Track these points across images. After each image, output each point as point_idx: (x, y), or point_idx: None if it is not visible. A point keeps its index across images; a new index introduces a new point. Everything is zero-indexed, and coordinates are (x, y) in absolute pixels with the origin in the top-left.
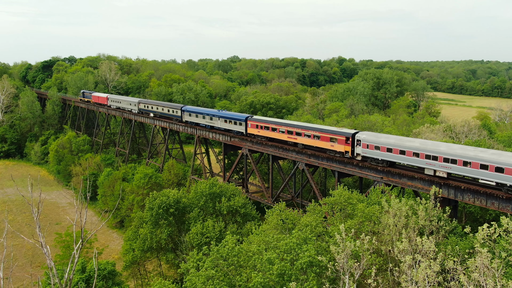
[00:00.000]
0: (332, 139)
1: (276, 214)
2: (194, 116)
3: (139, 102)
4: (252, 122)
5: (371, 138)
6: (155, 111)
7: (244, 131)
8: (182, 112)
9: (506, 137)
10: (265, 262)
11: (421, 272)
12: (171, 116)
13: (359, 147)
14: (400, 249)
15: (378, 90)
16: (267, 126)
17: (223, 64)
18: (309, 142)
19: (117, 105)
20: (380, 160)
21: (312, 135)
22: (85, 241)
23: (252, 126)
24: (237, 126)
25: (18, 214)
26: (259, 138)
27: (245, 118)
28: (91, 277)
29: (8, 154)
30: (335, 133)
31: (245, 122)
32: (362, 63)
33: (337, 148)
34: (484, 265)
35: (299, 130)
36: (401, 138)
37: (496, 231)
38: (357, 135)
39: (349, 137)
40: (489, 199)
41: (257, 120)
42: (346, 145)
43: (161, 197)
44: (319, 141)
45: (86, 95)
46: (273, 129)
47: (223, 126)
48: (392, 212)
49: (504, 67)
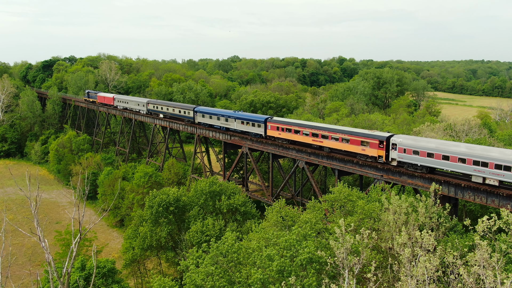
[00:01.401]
0: (363, 142)
1: (276, 211)
2: (208, 117)
3: (147, 102)
4: (272, 124)
5: (409, 142)
6: (165, 112)
7: (263, 134)
8: (195, 113)
9: (507, 135)
10: (264, 258)
11: (420, 266)
12: (183, 117)
13: (394, 151)
14: (399, 242)
15: (378, 90)
16: (289, 128)
17: (224, 63)
18: (337, 145)
19: (124, 106)
20: (419, 166)
21: (340, 138)
22: (83, 236)
23: (272, 128)
24: (255, 128)
25: (18, 213)
26: (279, 141)
27: (264, 119)
28: (91, 275)
29: (8, 154)
30: (367, 136)
31: (265, 124)
32: (363, 63)
33: (369, 152)
34: (483, 259)
35: (326, 133)
36: (444, 142)
37: (496, 223)
38: (392, 139)
39: (383, 141)
40: (489, 196)
41: (278, 121)
42: (380, 149)
43: (161, 195)
44: (348, 144)
45: (91, 95)
46: (296, 131)
47: (240, 128)
48: (392, 209)
49: (505, 66)
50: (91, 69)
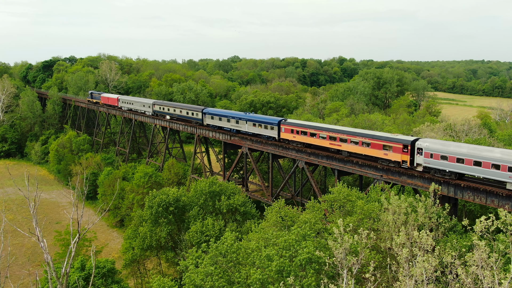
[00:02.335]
0: (386, 146)
1: (275, 212)
2: (217, 119)
3: (153, 103)
4: (286, 126)
5: (436, 147)
6: (172, 114)
7: (276, 136)
8: (204, 114)
9: (507, 135)
10: (264, 258)
11: (418, 266)
12: (191, 119)
13: (420, 156)
14: (397, 243)
15: (378, 90)
16: (304, 131)
17: (224, 64)
18: (356, 149)
19: (128, 107)
20: (447, 172)
21: (361, 141)
22: (82, 236)
23: (286, 130)
24: (268, 131)
25: (18, 213)
26: (294, 144)
27: (278, 121)
28: (90, 275)
29: (8, 154)
30: (390, 140)
31: (278, 126)
32: (363, 63)
33: (392, 157)
34: (482, 259)
35: (344, 136)
36: (476, 147)
37: (494, 223)
38: (418, 143)
39: (408, 145)
40: (489, 196)
41: (293, 124)
42: (404, 154)
43: (160, 195)
44: (369, 148)
45: (95, 96)
46: (312, 134)
47: (251, 130)
48: (392, 209)
49: (505, 66)
50: (91, 69)
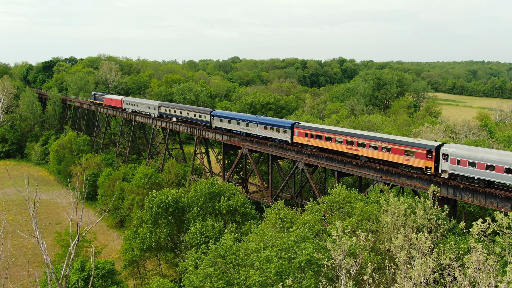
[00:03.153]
0: (408, 152)
1: (275, 213)
2: (226, 122)
3: (159, 105)
4: (299, 130)
5: (463, 153)
6: (178, 116)
7: (289, 140)
8: (212, 117)
9: (506, 137)
10: (263, 260)
11: (416, 269)
12: (198, 122)
13: (445, 162)
14: (395, 245)
15: (378, 91)
16: (319, 134)
17: (224, 64)
18: (376, 154)
19: (133, 109)
20: (475, 179)
21: (380, 146)
22: (81, 237)
23: (300, 134)
24: (280, 134)
25: (18, 214)
26: (308, 148)
27: (291, 124)
28: (90, 276)
29: (8, 154)
30: (412, 145)
31: (291, 130)
32: (363, 64)
33: (415, 163)
34: (479, 261)
35: (363, 141)
36: (507, 153)
37: (491, 226)
38: (443, 148)
39: (432, 151)
40: (488, 198)
41: (307, 127)
42: (427, 160)
43: (160, 196)
44: (390, 154)
45: (98, 97)
46: (328, 138)
47: (263, 133)
48: (391, 211)
49: (505, 67)
50: (92, 70)
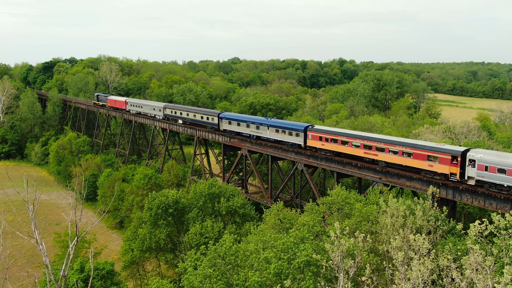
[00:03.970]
0: (431, 157)
1: (274, 214)
2: (235, 125)
3: (165, 107)
4: (313, 133)
5: (492, 158)
6: (185, 118)
7: (302, 144)
8: (220, 119)
9: (506, 138)
10: (262, 261)
11: (414, 269)
12: (206, 124)
13: (472, 169)
14: (393, 246)
15: (378, 92)
16: (334, 138)
17: (224, 65)
18: (396, 160)
19: (137, 110)
20: (505, 186)
21: (401, 151)
22: (80, 238)
23: (313, 137)
24: (293, 138)
25: (18, 214)
26: (322, 152)
27: (304, 127)
28: (89, 277)
29: (8, 155)
30: (436, 150)
31: (304, 133)
32: (363, 65)
33: (438, 169)
34: (476, 262)
35: (382, 145)
36: None
37: (488, 228)
38: (469, 154)
39: (457, 156)
40: (487, 199)
41: (321, 130)
42: (452, 166)
43: (160, 197)
44: (411, 159)
45: (101, 99)
46: (344, 142)
47: (274, 136)
48: (390, 212)
49: (505, 68)
50: (92, 71)
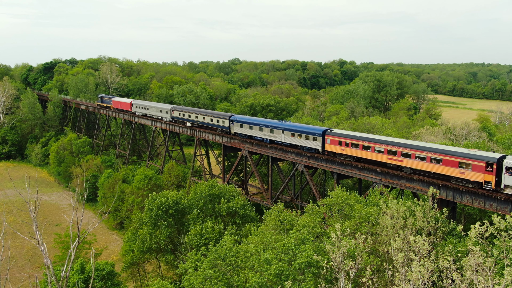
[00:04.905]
0: (462, 164)
1: (274, 215)
2: (247, 128)
3: (172, 109)
4: (332, 138)
5: None
6: (193, 120)
7: (320, 148)
8: (231, 122)
9: (506, 139)
10: (262, 262)
11: (415, 271)
12: (215, 127)
13: (510, 177)
14: (394, 247)
15: (378, 93)
16: (355, 143)
17: (224, 66)
18: (423, 166)
19: (143, 112)
20: None
21: (429, 157)
22: (82, 239)
23: (332, 142)
24: (309, 142)
25: (18, 215)
26: (342, 157)
27: (322, 131)
28: (90, 278)
29: (9, 156)
30: (468, 156)
31: (322, 137)
32: (363, 66)
33: (471, 176)
34: (477, 264)
35: (408, 151)
36: None
37: (488, 229)
38: (506, 161)
39: (493, 163)
40: (487, 200)
41: (341, 135)
42: (487, 173)
43: (160, 198)
44: (440, 166)
45: (105, 100)
46: (366, 147)
47: (289, 141)
48: (390, 213)
49: (505, 69)
50: (92, 72)
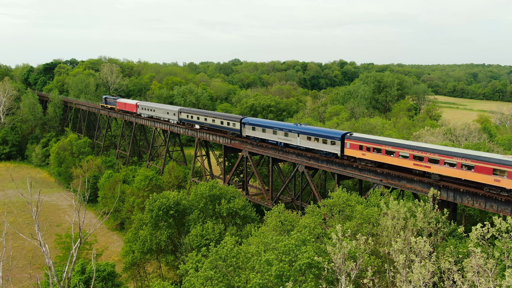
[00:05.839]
0: (497, 171)
1: (275, 216)
2: (260, 131)
3: (179, 111)
4: (352, 142)
5: None
6: (202, 123)
7: (338, 153)
8: (242, 125)
9: (506, 140)
10: (263, 263)
11: (416, 272)
12: (226, 130)
13: None
14: (395, 249)
15: (379, 93)
16: (378, 147)
17: (224, 67)
18: (453, 173)
19: (149, 114)
20: None
21: (459, 163)
22: (84, 240)
23: (352, 146)
24: (327, 146)
25: (19, 216)
26: (362, 162)
27: (341, 135)
28: (90, 278)
29: (9, 156)
30: (504, 163)
31: (341, 141)
32: (363, 66)
33: (507, 184)
34: (478, 265)
35: (436, 156)
36: None
37: (490, 231)
38: None
39: None
40: (488, 201)
41: (362, 139)
42: None
43: (161, 199)
44: (472, 172)
45: (109, 102)
46: (389, 152)
47: (305, 144)
48: (391, 214)
49: (505, 70)
50: (92, 72)
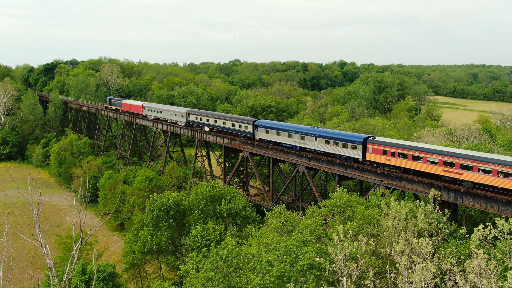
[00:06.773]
0: None
1: (276, 217)
2: (275, 134)
3: (188, 113)
4: (375, 146)
5: None
6: (212, 125)
7: (360, 158)
8: (255, 127)
9: (507, 140)
10: (264, 264)
11: (417, 273)
12: (238, 132)
13: None
14: (396, 250)
15: (379, 94)
16: (403, 152)
17: (225, 67)
18: (488, 180)
19: (155, 116)
20: None
21: (495, 170)
22: (84, 241)
23: (375, 151)
24: (348, 150)
25: (19, 216)
26: (386, 168)
27: (362, 139)
28: (91, 279)
29: (10, 157)
30: None
31: (363, 145)
32: (364, 67)
33: None
34: (480, 266)
35: (469, 162)
36: None
37: (492, 232)
38: None
39: None
40: (489, 202)
41: (385, 143)
42: None
43: (161, 199)
44: (510, 180)
45: (114, 103)
46: (416, 157)
47: (323, 148)
48: (392, 215)
49: (506, 71)
50: (93, 73)
